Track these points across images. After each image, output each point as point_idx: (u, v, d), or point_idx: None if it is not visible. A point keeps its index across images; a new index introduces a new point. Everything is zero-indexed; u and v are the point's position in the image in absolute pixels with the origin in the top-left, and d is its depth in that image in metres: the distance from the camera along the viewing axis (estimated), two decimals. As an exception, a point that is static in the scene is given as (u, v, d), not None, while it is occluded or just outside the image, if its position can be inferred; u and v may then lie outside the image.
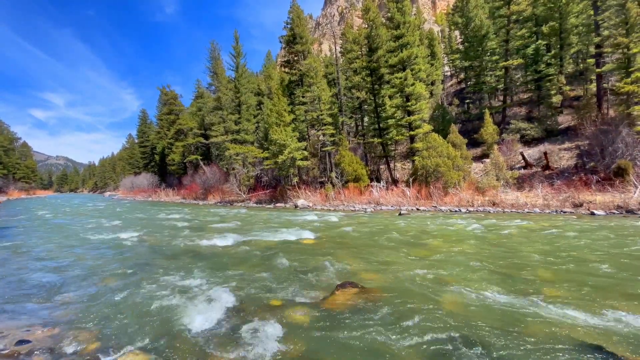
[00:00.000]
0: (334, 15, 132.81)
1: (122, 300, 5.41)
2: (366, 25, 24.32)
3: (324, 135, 24.86)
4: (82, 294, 5.83)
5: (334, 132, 25.35)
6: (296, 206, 22.00)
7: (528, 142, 22.42)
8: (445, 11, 68.07)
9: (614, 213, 12.62)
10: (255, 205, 25.79)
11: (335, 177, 22.42)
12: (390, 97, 23.18)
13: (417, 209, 16.97)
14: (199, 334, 4.20)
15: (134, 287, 5.98)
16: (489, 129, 22.50)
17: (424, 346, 3.76)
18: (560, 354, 3.51)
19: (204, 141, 40.65)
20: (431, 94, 34.48)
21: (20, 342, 4.06)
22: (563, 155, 19.48)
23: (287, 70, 28.40)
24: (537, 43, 23.60)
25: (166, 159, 47.87)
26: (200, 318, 4.57)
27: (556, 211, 13.85)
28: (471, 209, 15.77)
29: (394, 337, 3.98)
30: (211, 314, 4.72)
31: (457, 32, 40.45)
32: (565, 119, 23.10)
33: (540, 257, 7.15)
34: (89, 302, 5.43)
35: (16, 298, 5.76)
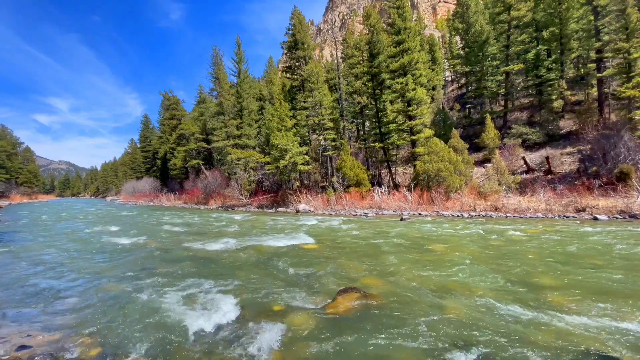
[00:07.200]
0: (335, 21, 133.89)
1: (123, 305, 5.39)
2: (367, 31, 24.47)
3: (325, 139, 24.90)
4: (83, 299, 5.81)
5: (335, 136, 25.39)
6: (297, 211, 21.97)
7: (530, 146, 22.38)
8: (445, 17, 68.55)
9: (617, 218, 12.54)
10: (256, 209, 25.78)
11: (337, 181, 22.42)
12: (392, 102, 23.25)
13: (419, 214, 16.92)
14: (201, 340, 4.18)
15: (135, 293, 5.96)
16: (490, 133, 22.49)
17: (427, 353, 3.72)
18: (566, 361, 3.47)
19: (206, 146, 40.80)
20: (432, 98, 34.56)
21: (21, 347, 4.05)
22: (565, 160, 19.42)
23: (288, 75, 28.57)
24: (537, 48, 23.68)
25: (168, 163, 48.03)
26: (202, 323, 4.55)
27: (559, 216, 13.78)
28: (473, 213, 15.70)
29: (396, 343, 3.94)
30: (213, 319, 4.70)
31: (457, 38, 40.67)
32: (566, 124, 23.08)
33: (543, 262, 7.10)
34: (90, 307, 5.42)
35: (17, 303, 5.75)
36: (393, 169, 25.10)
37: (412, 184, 19.40)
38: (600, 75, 19.44)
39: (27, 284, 6.85)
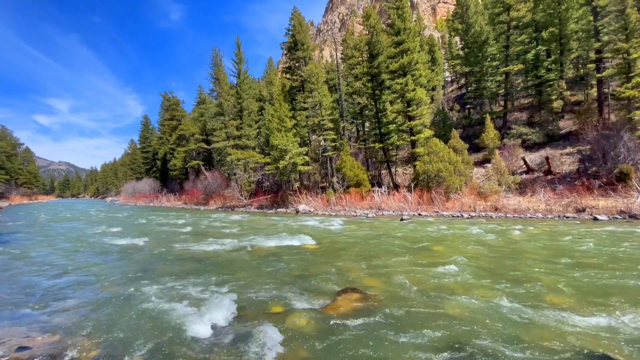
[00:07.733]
0: (334, 21, 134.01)
1: (122, 306, 5.38)
2: (367, 32, 24.49)
3: (325, 140, 24.91)
4: (82, 300, 5.80)
5: (335, 137, 25.39)
6: (297, 211, 21.96)
7: (529, 147, 22.39)
8: (445, 17, 68.63)
9: (617, 218, 12.54)
10: (256, 210, 25.77)
11: (337, 182, 22.41)
12: (391, 103, 23.26)
13: (419, 214, 16.91)
14: (200, 342, 4.17)
15: (134, 294, 5.95)
16: (490, 134, 22.50)
17: (427, 353, 3.72)
18: (566, 362, 3.46)
19: (206, 147, 40.80)
20: (432, 99, 34.57)
21: (20, 348, 4.04)
22: (565, 160, 19.42)
23: (288, 76, 28.60)
24: (537, 49, 23.70)
25: (168, 164, 48.01)
26: (201, 325, 4.54)
27: (559, 216, 13.77)
28: (473, 214, 15.70)
29: (396, 343, 3.94)
30: (212, 320, 4.69)
31: (457, 38, 40.69)
32: (566, 124, 23.09)
33: (543, 263, 7.09)
34: (89, 308, 5.41)
35: (16, 304, 5.74)
36: (393, 170, 25.10)
37: (412, 185, 19.40)
38: (599, 75, 19.46)
39: (26, 285, 6.84)
